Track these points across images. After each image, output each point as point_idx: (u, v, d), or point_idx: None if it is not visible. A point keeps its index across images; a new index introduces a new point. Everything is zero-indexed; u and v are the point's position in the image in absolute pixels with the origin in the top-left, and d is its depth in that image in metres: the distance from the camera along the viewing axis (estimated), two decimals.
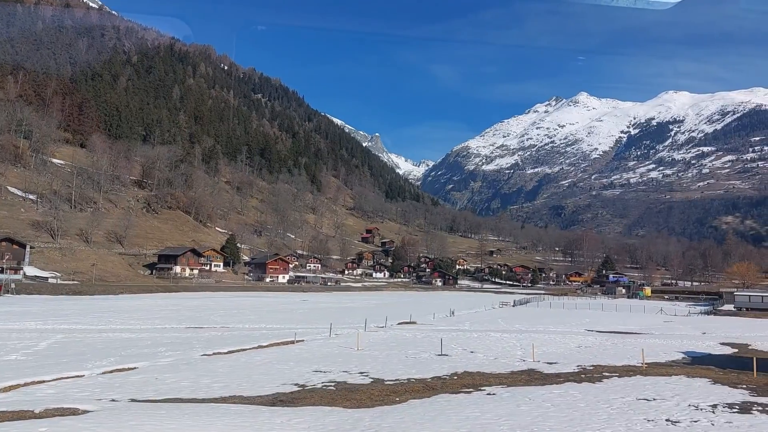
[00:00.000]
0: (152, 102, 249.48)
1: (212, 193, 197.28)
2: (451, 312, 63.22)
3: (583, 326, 52.24)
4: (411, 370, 26.07)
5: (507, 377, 24.98)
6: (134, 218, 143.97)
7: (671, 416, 18.13)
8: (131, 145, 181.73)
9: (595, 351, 34.48)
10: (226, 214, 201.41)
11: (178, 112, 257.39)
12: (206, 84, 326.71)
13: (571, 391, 21.79)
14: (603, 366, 28.82)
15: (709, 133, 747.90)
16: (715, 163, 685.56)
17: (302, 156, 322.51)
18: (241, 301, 78.43)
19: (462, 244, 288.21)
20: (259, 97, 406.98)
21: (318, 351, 30.77)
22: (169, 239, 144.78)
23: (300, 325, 44.24)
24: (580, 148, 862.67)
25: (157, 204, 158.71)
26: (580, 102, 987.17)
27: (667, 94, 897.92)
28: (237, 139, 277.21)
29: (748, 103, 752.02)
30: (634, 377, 25.59)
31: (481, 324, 51.87)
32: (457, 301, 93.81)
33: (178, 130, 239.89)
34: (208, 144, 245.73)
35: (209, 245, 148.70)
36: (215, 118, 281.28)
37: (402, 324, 49.70)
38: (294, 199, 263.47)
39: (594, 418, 17.52)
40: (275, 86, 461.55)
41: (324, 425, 15.53)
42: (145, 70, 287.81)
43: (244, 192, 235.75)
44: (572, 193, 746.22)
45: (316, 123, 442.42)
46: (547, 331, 46.34)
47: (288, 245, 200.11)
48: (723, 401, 20.73)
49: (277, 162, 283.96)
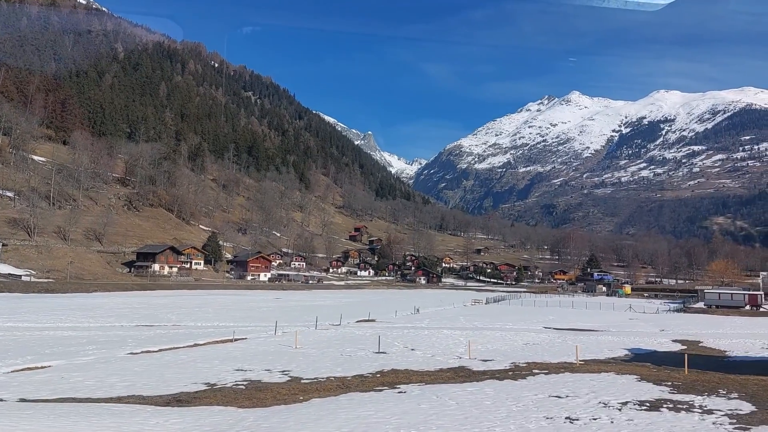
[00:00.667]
0: (138, 99, 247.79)
1: (197, 191, 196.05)
2: (416, 309, 62.87)
3: (544, 323, 51.97)
4: (337, 368, 25.65)
5: (432, 375, 24.60)
6: (114, 216, 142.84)
7: (573, 414, 17.80)
8: (114, 143, 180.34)
9: (539, 348, 34.17)
10: (211, 212, 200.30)
11: (164, 109, 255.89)
12: (195, 81, 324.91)
13: (486, 388, 21.43)
14: (537, 363, 28.51)
15: (699, 132, 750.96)
16: (706, 162, 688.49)
17: (291, 154, 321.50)
18: (211, 299, 77.80)
19: (450, 243, 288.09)
20: (249, 94, 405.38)
21: (253, 349, 30.30)
22: (150, 237, 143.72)
23: (255, 323, 43.77)
24: (572, 147, 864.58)
25: (138, 201, 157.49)
26: (572, 101, 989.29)
27: (659, 93, 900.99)
28: (224, 136, 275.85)
29: (738, 103, 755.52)
30: (562, 374, 25.28)
31: (441, 321, 51.51)
32: (432, 298, 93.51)
33: (164, 127, 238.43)
34: (195, 141, 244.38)
35: (191, 243, 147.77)
36: (202, 115, 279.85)
37: (360, 322, 49.28)
38: (281, 197, 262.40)
39: (491, 416, 17.16)
40: (266, 84, 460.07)
41: (200, 426, 15.07)
42: (132, 68, 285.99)
43: (230, 190, 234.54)
44: (564, 191, 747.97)
45: (306, 121, 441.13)
46: (503, 328, 46.00)
47: (273, 243, 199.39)
48: (637, 398, 20.42)
49: (264, 160, 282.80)
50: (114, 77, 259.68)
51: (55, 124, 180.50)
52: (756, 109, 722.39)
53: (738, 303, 72.88)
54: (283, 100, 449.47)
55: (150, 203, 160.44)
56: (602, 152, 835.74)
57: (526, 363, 28.37)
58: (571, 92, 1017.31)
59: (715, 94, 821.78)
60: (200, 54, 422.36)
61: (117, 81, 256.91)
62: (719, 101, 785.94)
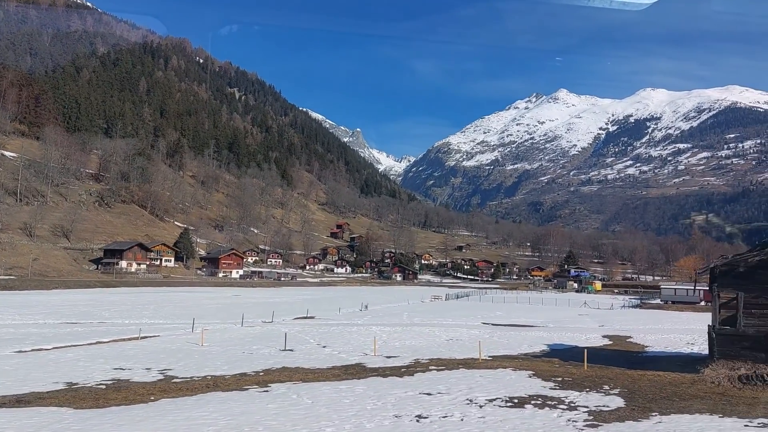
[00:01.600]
0: (117, 95, 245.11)
1: (173, 187, 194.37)
2: (365, 306, 62.18)
3: (486, 319, 51.50)
4: (224, 366, 24.94)
5: (318, 373, 23.90)
6: (84, 212, 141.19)
7: (427, 412, 17.18)
8: (89, 138, 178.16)
9: (459, 344, 33.56)
10: (187, 208, 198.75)
11: (143, 105, 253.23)
12: (177, 77, 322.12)
13: (359, 386, 20.77)
14: (442, 359, 27.89)
15: (685, 130, 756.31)
16: (691, 159, 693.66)
17: (273, 150, 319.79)
18: (166, 296, 76.69)
19: (433, 240, 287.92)
20: (233, 91, 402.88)
21: (154, 347, 29.47)
22: (121, 233, 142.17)
23: (185, 321, 42.85)
24: (559, 145, 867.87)
25: (110, 198, 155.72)
26: (559, 99, 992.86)
27: (645, 91, 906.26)
28: (205, 132, 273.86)
29: (723, 101, 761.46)
30: (456, 370, 24.68)
31: (381, 318, 50.87)
32: (396, 295, 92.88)
33: (142, 123, 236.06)
34: (174, 138, 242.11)
35: (164, 240, 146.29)
36: (183, 111, 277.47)
37: (297, 319, 48.54)
38: (262, 193, 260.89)
39: (336, 415, 16.51)
40: (251, 80, 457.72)
41: (11, 428, 14.28)
42: (112, 64, 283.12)
43: (209, 186, 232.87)
44: (551, 189, 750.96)
45: (292, 117, 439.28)
46: (439, 324, 45.43)
47: (251, 240, 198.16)
48: (511, 395, 19.85)
49: (246, 156, 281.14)
50: (92, 73, 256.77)
51: (29, 120, 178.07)
52: (741, 107, 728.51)
53: (693, 299, 72.85)
54: (269, 97, 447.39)
55: (122, 199, 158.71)
56: (589, 150, 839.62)
57: (429, 359, 27.76)
58: (558, 90, 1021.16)
59: (700, 92, 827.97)
60: (185, 50, 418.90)
61: (95, 77, 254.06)
62: (705, 99, 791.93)
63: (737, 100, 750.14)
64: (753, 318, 24.19)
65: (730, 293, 24.98)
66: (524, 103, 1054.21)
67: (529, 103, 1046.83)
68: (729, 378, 22.86)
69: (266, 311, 53.51)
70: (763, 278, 24.12)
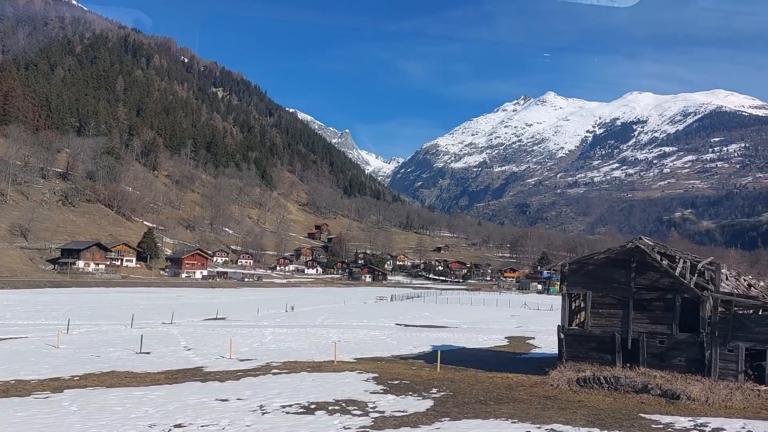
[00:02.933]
0: (92, 93, 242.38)
1: (144, 186, 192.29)
2: (291, 308, 61.04)
3: (408, 320, 50.64)
4: (49, 369, 23.70)
5: (143, 377, 22.90)
6: (45, 211, 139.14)
7: (193, 420, 16.16)
8: (58, 137, 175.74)
9: (344, 346, 32.52)
10: (159, 208, 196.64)
11: (118, 103, 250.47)
12: (158, 76, 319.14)
13: (156, 392, 19.94)
14: (297, 362, 27.04)
15: (671, 133, 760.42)
16: (676, 162, 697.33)
17: (254, 150, 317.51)
18: (103, 297, 75.20)
19: (413, 241, 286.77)
20: (216, 90, 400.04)
21: (5, 349, 28.21)
22: (83, 233, 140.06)
23: (92, 321, 41.54)
24: (546, 147, 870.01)
25: (75, 197, 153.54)
26: (547, 101, 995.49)
27: (632, 94, 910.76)
28: (182, 132, 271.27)
29: (709, 105, 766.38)
30: (294, 374, 23.82)
31: (293, 320, 49.84)
32: (346, 296, 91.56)
33: (116, 122, 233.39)
34: (149, 137, 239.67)
35: (128, 240, 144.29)
36: (160, 110, 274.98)
37: (208, 320, 47.34)
38: (240, 193, 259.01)
39: (91, 423, 15.47)
40: (236, 80, 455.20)
41: None
42: (89, 61, 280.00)
43: (183, 186, 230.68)
44: (538, 191, 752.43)
45: (277, 118, 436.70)
46: (348, 326, 44.47)
47: (223, 240, 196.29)
48: (314, 400, 19.01)
49: (224, 156, 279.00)
50: (68, 70, 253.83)
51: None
52: (726, 111, 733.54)
53: None
54: (254, 97, 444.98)
55: (87, 198, 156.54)
56: (576, 152, 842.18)
57: (284, 362, 26.81)
58: (546, 93, 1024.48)
59: (686, 96, 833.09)
60: (170, 49, 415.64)
61: (71, 74, 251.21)
62: (690, 103, 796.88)
63: (723, 104, 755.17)
64: (600, 318, 23.35)
65: (579, 292, 24.10)
66: (512, 106, 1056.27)
67: (517, 105, 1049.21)
68: (568, 381, 22.01)
69: (189, 312, 52.32)
70: (611, 277, 23.27)
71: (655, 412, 18.53)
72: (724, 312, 21.40)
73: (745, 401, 19.67)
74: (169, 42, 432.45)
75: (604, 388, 21.15)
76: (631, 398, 20.41)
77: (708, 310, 21.46)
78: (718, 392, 20.01)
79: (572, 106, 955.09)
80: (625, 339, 22.58)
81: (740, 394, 19.96)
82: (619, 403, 19.96)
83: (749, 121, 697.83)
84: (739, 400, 19.65)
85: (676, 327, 22.04)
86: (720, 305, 21.52)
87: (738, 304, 21.35)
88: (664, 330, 22.13)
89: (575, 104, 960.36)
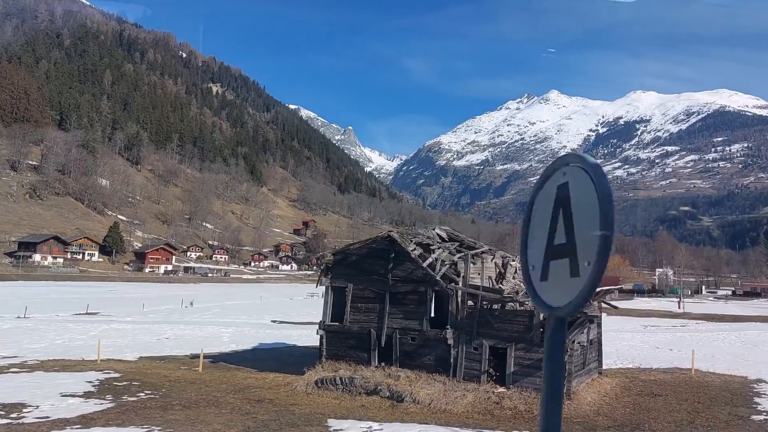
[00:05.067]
0: (76, 86, 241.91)
1: (122, 181, 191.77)
2: (190, 303, 59.43)
3: (289, 318, 48.89)
4: None
5: None
6: (11, 204, 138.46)
7: None
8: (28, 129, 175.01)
9: (163, 344, 30.86)
10: (138, 202, 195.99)
11: (102, 97, 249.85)
12: (151, 71, 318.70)
13: None
14: (57, 360, 25.52)
15: (674, 132, 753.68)
16: (678, 162, 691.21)
17: (243, 146, 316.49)
18: (20, 291, 73.82)
19: None
20: (211, 86, 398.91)
21: None
22: (49, 226, 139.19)
23: None
24: (549, 146, 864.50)
25: (44, 190, 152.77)
26: (551, 100, 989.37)
27: (636, 93, 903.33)
28: (169, 126, 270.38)
29: (712, 104, 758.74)
30: (31, 373, 21.96)
31: (176, 316, 48.22)
32: (281, 292, 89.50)
33: (99, 115, 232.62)
34: (133, 131, 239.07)
35: (96, 233, 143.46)
36: (148, 104, 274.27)
37: (79, 315, 45.82)
38: (225, 188, 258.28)
39: None
40: (235, 76, 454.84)
41: None
42: (78, 54, 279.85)
43: (166, 180, 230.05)
44: None
45: (274, 114, 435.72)
46: (221, 323, 42.82)
47: (200, 235, 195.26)
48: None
49: (210, 151, 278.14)
50: (54, 63, 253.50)
51: None
52: (729, 111, 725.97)
53: None
54: (251, 92, 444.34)
55: (56, 192, 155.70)
56: (579, 151, 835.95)
57: (42, 361, 25.20)
58: (550, 91, 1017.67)
59: (690, 95, 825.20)
60: (168, 44, 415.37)
61: (56, 67, 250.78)
62: (694, 103, 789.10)
63: (726, 104, 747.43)
64: (359, 313, 21.55)
65: (342, 285, 22.30)
66: (515, 104, 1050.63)
67: (521, 103, 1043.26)
68: (307, 383, 20.19)
69: (69, 306, 50.78)
70: (371, 269, 21.45)
71: (363, 418, 16.78)
72: (472, 307, 19.55)
73: (472, 406, 17.86)
74: (168, 37, 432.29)
75: (339, 389, 19.39)
76: (359, 400, 18.68)
77: (455, 305, 19.62)
78: (449, 395, 18.22)
79: (576, 105, 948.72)
80: (380, 336, 20.79)
81: (472, 397, 18.15)
82: (342, 405, 18.25)
83: (753, 121, 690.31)
84: (464, 405, 17.84)
85: (427, 323, 20.23)
86: (469, 299, 19.67)
87: (485, 299, 19.49)
88: (416, 326, 20.32)
89: (579, 103, 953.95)
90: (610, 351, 29.17)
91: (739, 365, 25.46)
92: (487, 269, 22.89)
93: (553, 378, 1.96)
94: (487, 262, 23.15)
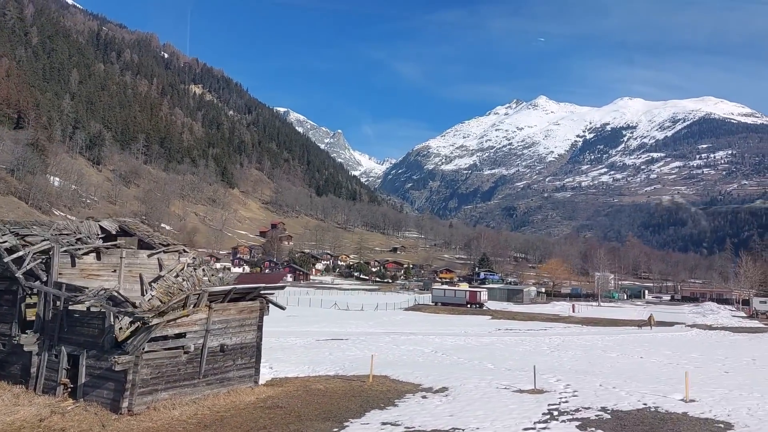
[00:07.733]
0: (38, 85, 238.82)
1: (77, 180, 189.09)
2: None
3: None
4: None
5: None
6: None
7: None
8: None
9: None
10: (94, 202, 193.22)
11: (65, 96, 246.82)
12: (126, 70, 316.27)
13: None
14: None
15: (659, 139, 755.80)
16: (663, 168, 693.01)
17: (215, 147, 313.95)
18: None
19: (374, 241, 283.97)
20: (191, 87, 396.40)
21: None
22: None
23: None
24: (536, 151, 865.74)
25: None
26: (539, 105, 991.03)
27: (623, 100, 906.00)
28: (136, 126, 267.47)
29: (698, 111, 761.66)
30: None
31: None
32: None
33: (59, 114, 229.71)
34: (95, 130, 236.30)
35: None
36: (115, 104, 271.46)
37: None
38: (191, 189, 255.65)
39: None
40: (216, 77, 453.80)
41: None
42: (46, 53, 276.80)
43: (128, 180, 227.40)
44: (526, 194, 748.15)
45: (255, 115, 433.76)
46: None
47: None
48: None
49: (178, 152, 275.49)
50: (18, 62, 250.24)
51: None
52: (714, 118, 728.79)
53: (460, 300, 67.92)
54: (233, 94, 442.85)
55: None
56: (566, 157, 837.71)
57: None
58: (538, 96, 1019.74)
59: (676, 102, 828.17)
60: (150, 44, 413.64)
61: (19, 66, 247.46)
62: (680, 110, 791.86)
63: (712, 111, 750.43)
64: None
65: None
66: (504, 109, 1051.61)
67: (509, 109, 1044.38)
68: None
69: None
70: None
71: None
72: (57, 309, 17.20)
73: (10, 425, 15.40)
74: (150, 38, 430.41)
75: None
76: None
77: (42, 306, 17.25)
78: (12, 413, 15.77)
79: (563, 111, 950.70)
80: None
81: (23, 413, 15.72)
82: None
83: (737, 129, 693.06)
84: (7, 423, 15.41)
85: (17, 327, 17.84)
86: (56, 300, 17.30)
87: (70, 300, 17.11)
88: (6, 330, 17.94)
89: (566, 109, 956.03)
90: (335, 358, 26.79)
91: (436, 371, 23.07)
92: (147, 268, 20.58)
93: None
94: (149, 260, 20.82)
